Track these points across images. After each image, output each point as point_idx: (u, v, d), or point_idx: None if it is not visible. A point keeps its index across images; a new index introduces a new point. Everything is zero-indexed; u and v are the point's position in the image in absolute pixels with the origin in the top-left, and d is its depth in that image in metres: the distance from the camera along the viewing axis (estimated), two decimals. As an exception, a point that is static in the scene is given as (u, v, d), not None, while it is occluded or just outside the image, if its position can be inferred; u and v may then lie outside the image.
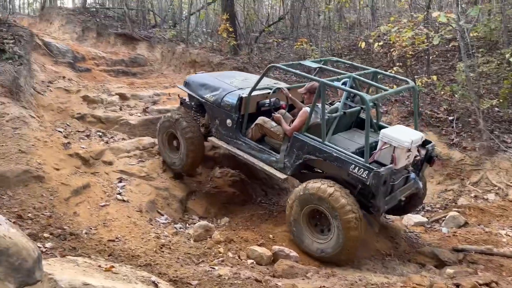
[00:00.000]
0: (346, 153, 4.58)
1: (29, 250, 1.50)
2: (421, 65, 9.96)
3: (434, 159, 5.28)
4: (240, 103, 5.48)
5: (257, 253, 4.51)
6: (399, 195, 4.87)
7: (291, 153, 5.02)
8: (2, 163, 4.93)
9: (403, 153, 4.44)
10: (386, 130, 4.62)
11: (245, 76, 6.75)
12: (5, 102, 6.00)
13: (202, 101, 6.06)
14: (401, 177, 4.81)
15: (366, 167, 4.39)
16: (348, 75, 5.09)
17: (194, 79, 6.45)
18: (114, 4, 15.53)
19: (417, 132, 4.85)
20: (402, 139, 4.37)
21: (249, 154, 5.48)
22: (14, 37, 7.70)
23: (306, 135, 4.89)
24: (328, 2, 11.80)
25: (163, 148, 6.34)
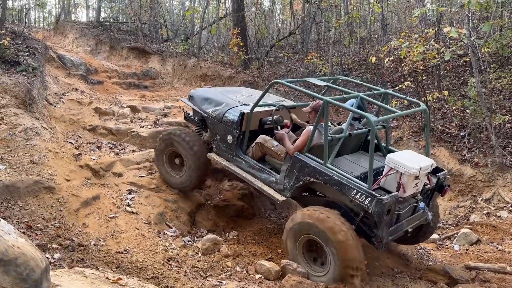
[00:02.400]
0: (348, 177, 4.28)
1: (37, 261, 1.49)
2: (432, 80, 9.91)
3: (446, 189, 4.90)
4: (241, 119, 5.29)
5: (265, 268, 4.46)
6: (405, 225, 4.53)
7: (291, 174, 4.75)
8: (13, 174, 4.97)
9: (411, 180, 4.12)
10: (393, 155, 4.25)
11: (251, 92, 6.59)
12: (18, 113, 6.10)
13: (204, 116, 5.90)
14: (409, 206, 4.45)
15: (369, 194, 4.07)
16: (355, 94, 4.81)
17: (198, 93, 6.27)
18: (127, 18, 15.80)
19: (427, 158, 4.47)
20: (410, 165, 4.04)
21: (248, 173, 5.25)
22: (29, 50, 7.86)
23: (307, 155, 4.63)
24: (339, 17, 11.85)
25: (163, 168, 6.16)
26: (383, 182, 4.22)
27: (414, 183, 4.19)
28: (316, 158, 4.57)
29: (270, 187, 5.00)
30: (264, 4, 16.78)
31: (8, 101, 6.20)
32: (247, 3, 15.13)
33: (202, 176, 6.00)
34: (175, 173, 6.09)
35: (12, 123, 5.92)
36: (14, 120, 5.97)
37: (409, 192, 4.21)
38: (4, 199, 4.64)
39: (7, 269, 1.39)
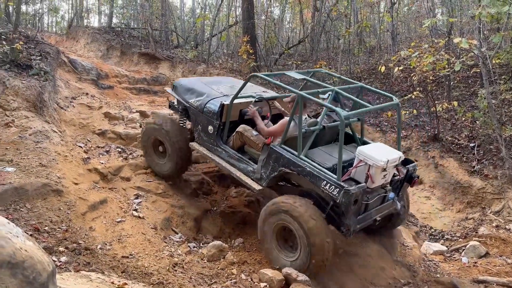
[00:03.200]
0: (319, 168, 4.45)
1: (44, 264, 1.50)
2: (441, 91, 9.86)
3: (415, 180, 5.09)
4: (221, 110, 5.42)
5: (267, 277, 4.42)
6: (374, 214, 4.71)
7: (267, 165, 4.91)
8: (23, 176, 5.02)
9: (378, 172, 4.28)
10: (362, 148, 4.45)
11: (234, 83, 6.70)
12: (29, 116, 6.17)
13: (186, 106, 6.01)
14: (378, 196, 4.63)
15: (337, 185, 4.26)
16: (330, 88, 4.92)
17: (182, 83, 6.40)
18: (138, 24, 15.97)
19: (395, 151, 4.60)
20: (378, 157, 4.22)
21: (228, 163, 5.40)
22: (41, 54, 7.96)
23: (283, 147, 4.79)
24: (349, 26, 11.86)
25: (149, 157, 6.35)
26: (353, 173, 4.41)
27: (382, 175, 4.35)
28: (291, 149, 4.72)
29: (248, 176, 5.15)
30: (274, 13, 16.87)
31: (20, 104, 6.28)
32: (257, 11, 15.23)
33: (183, 163, 6.16)
34: (159, 160, 6.26)
35: (22, 126, 5.99)
36: (25, 123, 6.04)
37: (377, 183, 4.38)
38: (13, 201, 4.68)
39: (14, 272, 1.39)
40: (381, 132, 8.93)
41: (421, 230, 7.11)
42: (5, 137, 5.69)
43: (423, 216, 7.51)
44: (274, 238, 4.68)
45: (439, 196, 7.70)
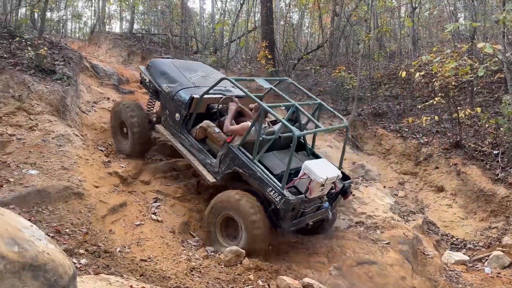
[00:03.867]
0: (268, 175, 4.97)
1: (65, 267, 1.52)
2: (464, 96, 9.67)
3: (348, 194, 5.76)
4: (191, 102, 5.79)
5: (285, 283, 4.37)
6: (308, 219, 5.31)
7: (224, 161, 5.38)
8: (45, 179, 5.12)
9: (318, 186, 4.85)
10: (308, 163, 4.98)
11: (208, 72, 7.02)
12: (52, 120, 6.30)
13: (158, 89, 6.39)
14: (314, 205, 5.22)
15: (280, 193, 4.80)
16: (291, 103, 5.37)
17: (157, 65, 6.76)
18: (159, 30, 16.17)
19: (336, 170, 5.22)
20: (319, 174, 4.79)
21: (188, 151, 5.81)
22: (65, 59, 8.14)
23: (240, 149, 5.24)
24: (368, 31, 11.77)
25: (114, 134, 6.81)
26: (297, 183, 4.99)
27: (320, 188, 4.95)
28: (247, 152, 5.20)
29: (205, 168, 5.60)
30: (293, 18, 16.87)
31: (43, 108, 6.42)
32: (276, 17, 15.25)
33: (143, 144, 6.58)
34: (123, 141, 6.67)
35: (46, 130, 6.11)
36: (48, 126, 6.17)
37: (315, 195, 4.98)
38: (35, 203, 4.77)
39: (36, 275, 1.41)
40: (401, 138, 8.80)
41: (442, 238, 6.96)
42: (29, 141, 5.82)
43: (444, 224, 7.35)
44: (219, 226, 5.19)
45: (461, 204, 7.53)
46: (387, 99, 10.38)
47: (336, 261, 5.11)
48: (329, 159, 7.93)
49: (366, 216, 6.73)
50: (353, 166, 8.20)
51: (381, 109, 9.82)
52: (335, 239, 5.77)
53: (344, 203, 6.97)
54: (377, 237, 5.88)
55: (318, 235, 6.10)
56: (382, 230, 6.12)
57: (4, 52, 7.13)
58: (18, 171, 5.21)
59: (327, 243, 5.62)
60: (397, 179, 8.36)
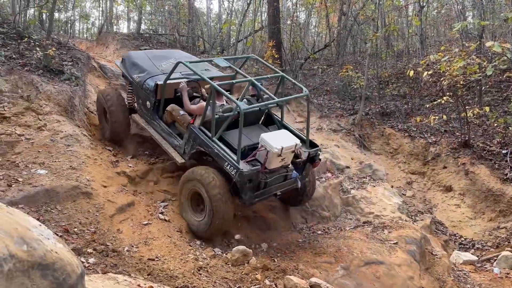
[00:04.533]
0: (224, 151, 5.19)
1: (73, 266, 1.53)
2: (472, 96, 9.59)
3: (317, 162, 5.90)
4: (156, 89, 6.08)
5: (292, 283, 4.37)
6: (274, 190, 5.43)
7: (188, 142, 5.66)
8: (54, 178, 5.16)
9: (274, 156, 5.01)
10: (264, 135, 5.17)
11: (181, 58, 7.01)
12: (60, 120, 6.35)
13: (130, 80, 6.71)
14: (279, 175, 5.36)
15: (235, 166, 5.00)
16: (247, 79, 5.68)
17: (130, 57, 7.04)
18: (166, 30, 16.23)
19: (293, 139, 5.33)
20: (273, 145, 4.96)
21: (160, 136, 6.13)
22: (73, 60, 8.20)
23: (200, 128, 5.49)
24: (376, 30, 11.70)
25: (101, 123, 7.06)
26: (257, 155, 5.16)
27: (279, 159, 5.11)
28: (207, 131, 5.43)
29: (175, 150, 5.90)
30: (300, 17, 16.82)
31: (52, 108, 6.47)
32: (282, 16, 15.23)
33: (121, 131, 6.80)
34: (106, 127, 6.92)
35: (54, 130, 6.16)
36: (56, 126, 6.21)
37: (274, 165, 5.15)
38: (44, 202, 4.82)
39: (45, 273, 1.43)
40: (409, 138, 8.75)
41: (450, 238, 6.91)
42: (38, 140, 5.87)
43: (452, 224, 7.30)
44: (189, 200, 5.44)
45: (470, 204, 7.47)
46: (395, 98, 10.32)
47: (343, 261, 5.10)
48: (336, 158, 7.94)
49: (374, 216, 6.71)
50: (361, 165, 8.17)
51: (389, 109, 9.77)
52: (343, 239, 5.76)
53: (353, 202, 6.96)
54: (385, 237, 5.85)
55: (294, 205, 6.50)
56: (389, 230, 6.09)
57: (13, 53, 7.20)
58: (27, 170, 5.25)
59: (334, 243, 5.61)
60: (405, 179, 8.31)
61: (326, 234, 6.26)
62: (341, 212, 6.97)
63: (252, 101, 5.92)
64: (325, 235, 6.14)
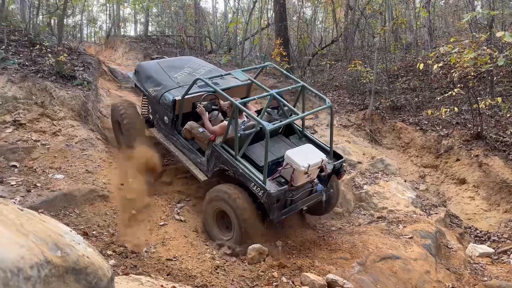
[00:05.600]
0: (250, 170, 5.05)
1: (104, 270, 1.59)
2: (484, 86, 9.50)
3: (342, 173, 5.80)
4: (174, 104, 5.94)
5: (309, 280, 4.41)
6: (300, 205, 5.33)
7: (211, 160, 5.52)
8: (71, 183, 5.26)
9: (301, 174, 4.90)
10: (289, 152, 5.02)
11: (194, 67, 7.06)
12: (74, 125, 6.45)
13: (145, 93, 6.57)
14: (304, 191, 5.24)
15: (262, 187, 4.88)
16: (269, 93, 5.41)
17: (143, 69, 6.87)
18: (173, 31, 16.31)
19: (319, 155, 5.19)
20: (300, 163, 4.83)
21: (180, 152, 5.98)
22: (84, 65, 8.31)
23: (223, 147, 5.36)
24: (384, 24, 11.65)
25: (115, 132, 6.96)
26: (283, 172, 5.02)
27: (305, 176, 4.98)
28: (230, 149, 5.30)
29: (196, 167, 5.76)
30: (306, 13, 16.79)
31: (66, 113, 6.57)
32: (289, 13, 15.21)
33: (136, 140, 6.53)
34: (122, 138, 6.76)
35: (69, 134, 6.27)
36: (71, 131, 6.32)
37: (300, 182, 5.02)
38: (62, 206, 4.92)
39: (78, 278, 1.48)
40: (421, 131, 8.71)
41: (465, 231, 6.89)
42: (53, 146, 5.98)
43: (467, 217, 7.26)
44: (214, 219, 5.32)
45: (484, 196, 7.42)
46: (405, 92, 10.27)
47: (359, 257, 5.12)
48: (348, 154, 7.94)
49: (388, 211, 6.71)
50: (372, 160, 8.16)
51: (399, 102, 9.73)
52: (357, 235, 5.78)
53: (366, 198, 6.96)
54: (400, 231, 5.86)
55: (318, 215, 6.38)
56: (404, 224, 6.09)
57: (26, 60, 7.32)
58: (44, 176, 5.36)
59: (349, 239, 5.63)
60: (417, 173, 8.28)
61: (341, 230, 6.28)
62: (354, 208, 6.98)
63: (272, 113, 5.81)
64: (339, 232, 6.16)
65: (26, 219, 1.46)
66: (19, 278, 1.21)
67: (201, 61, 7.69)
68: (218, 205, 5.20)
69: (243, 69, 6.31)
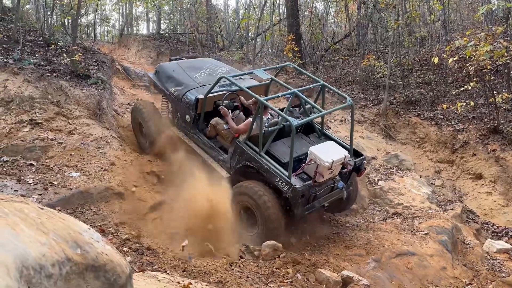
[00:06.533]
0: (274, 166, 5.12)
1: (122, 267, 1.61)
2: (500, 80, 9.33)
3: (362, 171, 5.85)
4: (196, 103, 5.99)
5: (324, 276, 4.41)
6: (322, 201, 5.40)
7: (234, 157, 5.58)
8: (87, 180, 5.34)
9: (325, 170, 4.93)
10: (313, 148, 5.09)
11: (214, 68, 7.14)
12: (90, 124, 6.54)
13: (166, 93, 6.66)
14: (326, 187, 5.30)
15: (287, 182, 4.94)
16: (291, 91, 5.44)
17: (163, 69, 6.97)
18: (185, 29, 16.37)
19: (342, 151, 5.27)
20: (324, 159, 4.88)
21: (202, 149, 6.05)
22: (98, 64, 8.40)
23: (247, 143, 5.42)
24: (397, 18, 11.50)
25: (135, 133, 7.06)
26: (306, 168, 5.11)
27: (328, 172, 5.02)
28: (254, 146, 5.36)
29: (218, 163, 5.82)
30: (318, 8, 16.67)
31: (81, 112, 6.66)
32: (301, 8, 15.13)
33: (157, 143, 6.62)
34: (143, 140, 6.88)
35: (84, 133, 6.35)
36: (86, 130, 6.41)
37: (324, 178, 5.05)
38: (79, 204, 5.00)
39: (97, 275, 1.51)
40: (436, 126, 8.60)
41: (482, 227, 6.79)
42: (69, 144, 6.07)
43: (484, 212, 7.16)
44: (239, 216, 5.35)
45: (501, 191, 7.30)
46: (420, 86, 10.14)
47: (374, 253, 5.09)
48: (362, 149, 7.88)
49: (403, 207, 6.65)
50: (387, 156, 8.09)
51: (414, 97, 9.61)
52: (372, 231, 5.74)
53: (381, 194, 6.91)
54: (415, 227, 5.80)
55: (336, 213, 6.43)
56: (420, 220, 6.03)
57: (41, 60, 7.43)
58: (61, 174, 5.45)
59: (364, 236, 5.60)
60: (433, 168, 8.19)
61: (355, 226, 6.25)
62: (369, 204, 6.94)
63: (293, 111, 5.87)
64: (354, 228, 6.14)
65: (47, 218, 1.49)
66: (41, 276, 1.24)
67: (219, 63, 7.82)
68: (242, 200, 5.27)
69: (265, 68, 6.41)
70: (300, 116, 5.78)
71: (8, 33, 8.23)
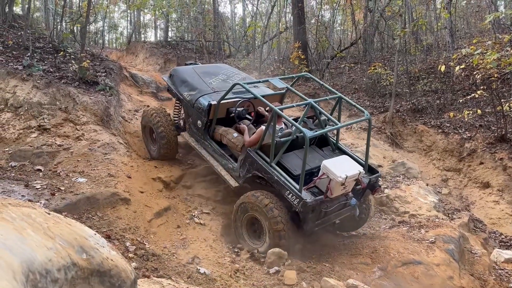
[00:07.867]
0: (285, 178, 4.94)
1: (127, 272, 1.62)
2: (507, 88, 9.28)
3: (377, 188, 5.66)
4: (209, 109, 5.90)
5: (329, 285, 4.37)
6: (333, 218, 5.21)
7: (244, 166, 5.45)
8: (93, 186, 5.36)
9: (338, 185, 4.74)
10: (326, 162, 4.88)
11: (229, 74, 7.07)
12: (97, 130, 6.59)
13: (180, 97, 6.60)
14: (338, 203, 5.07)
15: (298, 196, 4.76)
16: (307, 102, 5.30)
17: (178, 73, 6.94)
18: (192, 37, 16.50)
19: (357, 166, 5.06)
20: (337, 174, 4.68)
21: (212, 156, 5.94)
22: (106, 70, 8.48)
23: (257, 153, 5.27)
24: (404, 26, 11.50)
25: (145, 139, 7.03)
26: (317, 182, 4.92)
27: (341, 187, 4.84)
28: (265, 156, 5.21)
29: (228, 172, 5.70)
30: (324, 16, 16.73)
31: (88, 118, 6.72)
32: (307, 16, 15.18)
33: (169, 150, 6.69)
34: (153, 146, 6.86)
35: (92, 139, 6.40)
36: (93, 136, 6.45)
37: (336, 194, 4.88)
38: (85, 209, 5.01)
39: (102, 280, 1.52)
40: (443, 134, 8.56)
41: (490, 236, 6.73)
42: (77, 150, 6.12)
43: (491, 221, 7.09)
44: (244, 225, 5.23)
45: (509, 200, 7.23)
46: (426, 94, 10.11)
47: (380, 262, 5.05)
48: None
49: (409, 215, 6.61)
50: (393, 164, 8.05)
51: (420, 105, 9.58)
52: (378, 240, 5.70)
53: (387, 202, 6.87)
54: (422, 236, 5.76)
55: (347, 231, 6.16)
56: (426, 229, 5.98)
57: (50, 66, 7.52)
58: (68, 179, 5.48)
59: (370, 244, 5.56)
60: (440, 176, 8.14)
61: (361, 234, 6.21)
62: (375, 213, 6.90)
63: (308, 123, 5.69)
64: (360, 236, 6.10)
65: (53, 223, 1.51)
66: (47, 280, 1.25)
67: (234, 69, 7.70)
68: (249, 212, 5.10)
69: (281, 77, 6.28)
70: (315, 127, 5.59)
71: (18, 40, 8.35)
